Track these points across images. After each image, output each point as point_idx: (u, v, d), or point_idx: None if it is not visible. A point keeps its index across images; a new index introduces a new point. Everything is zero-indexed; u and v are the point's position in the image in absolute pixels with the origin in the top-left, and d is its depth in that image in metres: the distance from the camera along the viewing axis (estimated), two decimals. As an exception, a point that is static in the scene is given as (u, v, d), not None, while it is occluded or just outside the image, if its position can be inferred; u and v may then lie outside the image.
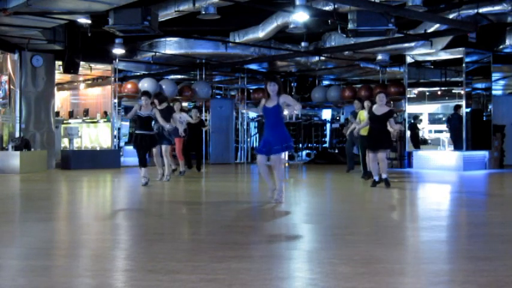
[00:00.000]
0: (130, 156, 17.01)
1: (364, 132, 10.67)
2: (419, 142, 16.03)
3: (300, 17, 11.13)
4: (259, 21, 13.53)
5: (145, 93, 10.39)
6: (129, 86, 17.21)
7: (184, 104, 20.66)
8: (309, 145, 20.77)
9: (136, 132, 10.18)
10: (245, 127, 19.84)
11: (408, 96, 15.99)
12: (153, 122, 10.24)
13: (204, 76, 18.33)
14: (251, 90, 20.47)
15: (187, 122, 12.79)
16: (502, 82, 18.27)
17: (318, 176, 13.77)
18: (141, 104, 10.01)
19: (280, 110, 7.35)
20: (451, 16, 12.02)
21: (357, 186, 10.74)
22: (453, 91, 15.47)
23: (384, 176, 9.69)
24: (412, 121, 16.04)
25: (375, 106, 9.84)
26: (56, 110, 16.21)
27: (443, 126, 16.36)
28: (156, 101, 10.96)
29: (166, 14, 11.72)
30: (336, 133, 20.75)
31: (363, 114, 11.13)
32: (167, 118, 10.63)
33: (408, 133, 15.85)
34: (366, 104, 11.12)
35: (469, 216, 7.09)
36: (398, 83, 17.25)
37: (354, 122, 12.08)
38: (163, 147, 11.24)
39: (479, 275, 3.75)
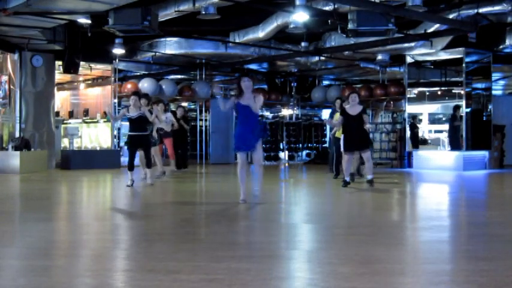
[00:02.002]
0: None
1: (338, 134, 10.85)
2: (418, 142, 16.03)
3: (300, 17, 11.13)
4: (259, 21, 13.52)
5: (135, 93, 10.35)
6: (129, 86, 17.20)
7: (185, 104, 20.67)
8: (309, 145, 20.77)
9: (130, 134, 10.03)
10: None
11: (408, 96, 15.99)
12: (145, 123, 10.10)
13: (204, 76, 18.33)
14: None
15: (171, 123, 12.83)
16: (502, 82, 18.28)
17: (318, 176, 13.76)
18: (128, 105, 9.89)
19: (257, 109, 7.48)
20: (451, 16, 12.02)
21: (357, 187, 10.74)
22: (453, 91, 15.47)
23: (370, 176, 9.59)
24: (411, 121, 16.04)
25: (347, 106, 9.76)
26: (56, 110, 16.21)
27: (443, 126, 16.38)
28: (143, 101, 10.79)
29: (166, 14, 11.71)
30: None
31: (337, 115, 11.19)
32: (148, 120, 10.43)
33: (408, 133, 15.85)
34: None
35: (469, 216, 7.09)
36: (398, 83, 17.24)
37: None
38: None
39: (479, 275, 3.75)
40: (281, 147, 19.94)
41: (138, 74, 19.04)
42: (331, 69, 18.72)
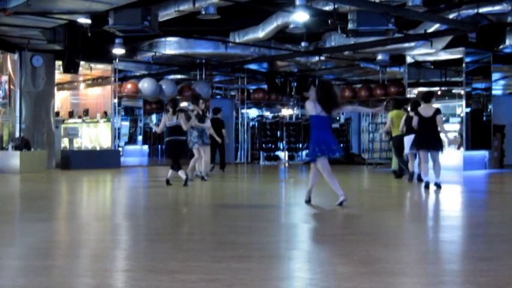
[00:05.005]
0: (130, 156, 17.02)
1: (396, 132, 11.07)
2: None
3: (300, 17, 11.13)
4: (259, 21, 13.52)
5: (172, 100, 10.64)
6: (129, 86, 17.20)
7: (184, 104, 20.66)
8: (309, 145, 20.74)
9: (168, 139, 10.24)
10: (245, 127, 19.86)
11: (408, 96, 15.99)
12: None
13: (204, 76, 18.33)
14: (251, 90, 20.47)
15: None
16: (502, 82, 18.26)
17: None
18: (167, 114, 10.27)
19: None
20: (451, 16, 12.02)
21: (357, 187, 10.75)
22: (453, 91, 15.47)
23: (438, 180, 9.36)
24: None
25: (421, 107, 9.67)
26: (56, 110, 16.20)
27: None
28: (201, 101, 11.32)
29: (166, 14, 11.71)
30: (335, 133, 20.76)
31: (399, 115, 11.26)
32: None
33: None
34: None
35: (469, 216, 7.09)
36: (398, 83, 17.24)
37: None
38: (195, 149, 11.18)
39: (479, 275, 3.75)
40: (281, 147, 19.94)
41: (138, 74, 19.04)
42: (331, 69, 18.72)
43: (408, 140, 10.68)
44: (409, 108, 11.01)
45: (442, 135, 9.65)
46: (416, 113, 9.65)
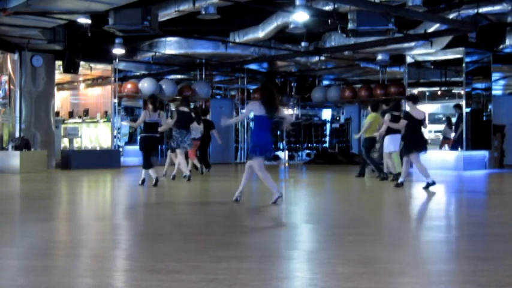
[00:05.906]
0: (130, 156, 17.01)
1: (369, 134, 11.43)
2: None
3: (300, 17, 11.13)
4: (259, 21, 13.52)
5: (152, 97, 10.68)
6: (129, 86, 17.18)
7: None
8: (309, 145, 20.77)
9: (144, 135, 10.32)
10: (245, 127, 19.85)
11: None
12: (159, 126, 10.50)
13: (204, 76, 18.32)
14: (251, 90, 20.46)
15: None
16: (502, 82, 18.26)
17: (318, 176, 13.76)
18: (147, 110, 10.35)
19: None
20: (451, 16, 12.02)
21: (357, 187, 10.76)
22: (453, 91, 15.47)
23: (402, 179, 9.73)
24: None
25: (408, 109, 9.74)
26: (56, 110, 16.20)
27: (443, 126, 16.38)
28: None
29: (166, 14, 11.71)
30: (336, 133, 20.76)
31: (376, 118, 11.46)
32: (188, 122, 11.31)
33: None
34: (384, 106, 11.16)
35: (469, 216, 7.09)
36: (398, 83, 17.24)
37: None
38: (178, 150, 11.27)
39: (479, 275, 3.75)
40: (281, 147, 19.93)
41: (138, 74, 19.03)
42: (331, 69, 18.72)
43: (391, 140, 10.77)
44: (384, 108, 11.25)
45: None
46: (408, 115, 9.67)
